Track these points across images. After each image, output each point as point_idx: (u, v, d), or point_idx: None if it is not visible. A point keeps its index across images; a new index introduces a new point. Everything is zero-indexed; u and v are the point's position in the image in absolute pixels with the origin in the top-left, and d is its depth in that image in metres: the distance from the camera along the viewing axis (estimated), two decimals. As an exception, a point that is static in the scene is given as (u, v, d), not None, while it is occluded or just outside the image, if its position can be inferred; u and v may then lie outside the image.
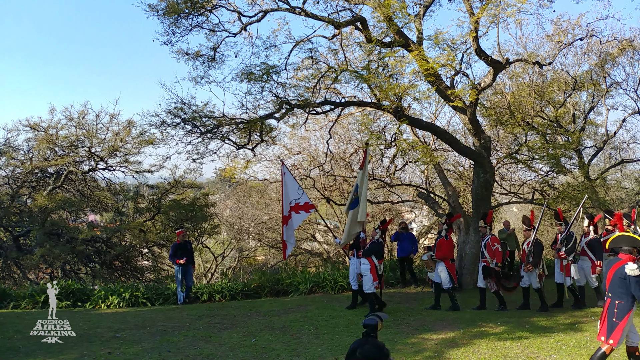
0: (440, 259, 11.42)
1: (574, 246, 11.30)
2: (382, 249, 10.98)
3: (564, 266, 11.30)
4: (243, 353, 8.02)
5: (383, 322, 2.89)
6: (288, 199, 12.23)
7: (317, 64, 13.10)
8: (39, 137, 18.72)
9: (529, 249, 11.18)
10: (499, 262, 11.24)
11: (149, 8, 11.92)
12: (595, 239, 11.51)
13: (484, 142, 13.99)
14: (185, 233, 14.21)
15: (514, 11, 11.28)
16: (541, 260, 11.22)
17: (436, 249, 11.61)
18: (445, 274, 11.32)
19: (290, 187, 12.33)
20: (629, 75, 20.51)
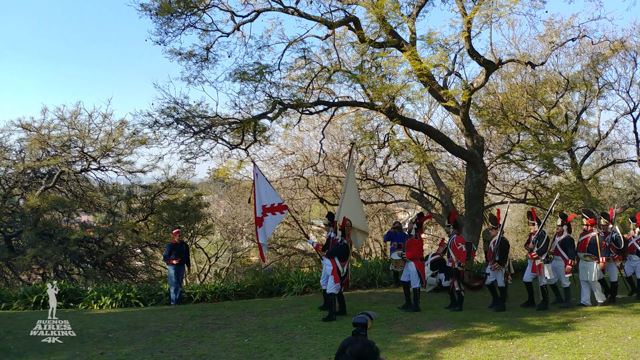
0: (410, 258, 11.32)
1: (547, 246, 11.31)
2: (345, 250, 10.66)
3: (536, 266, 11.30)
4: (236, 353, 8.00)
5: (373, 321, 2.90)
6: (261, 201, 12.04)
7: (310, 64, 13.10)
8: (31, 137, 18.60)
9: (495, 247, 11.19)
10: (462, 262, 11.22)
11: (141, 7, 11.89)
12: (568, 238, 11.52)
13: (476, 142, 14.02)
14: (182, 233, 14.17)
15: (506, 11, 11.33)
16: (507, 259, 11.26)
17: (406, 249, 11.48)
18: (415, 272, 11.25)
19: (262, 189, 12.16)
20: (620, 76, 20.68)
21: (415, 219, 11.93)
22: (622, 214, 21.55)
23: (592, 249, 11.28)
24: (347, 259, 10.64)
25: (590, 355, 7.33)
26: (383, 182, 18.39)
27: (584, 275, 11.46)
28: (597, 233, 11.41)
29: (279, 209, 12.04)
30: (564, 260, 11.38)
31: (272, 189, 12.36)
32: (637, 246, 12.25)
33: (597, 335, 8.55)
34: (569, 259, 11.29)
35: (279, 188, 22.41)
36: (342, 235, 10.80)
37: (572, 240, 11.60)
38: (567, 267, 11.27)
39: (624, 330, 8.87)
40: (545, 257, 11.21)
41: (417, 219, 11.88)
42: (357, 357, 2.55)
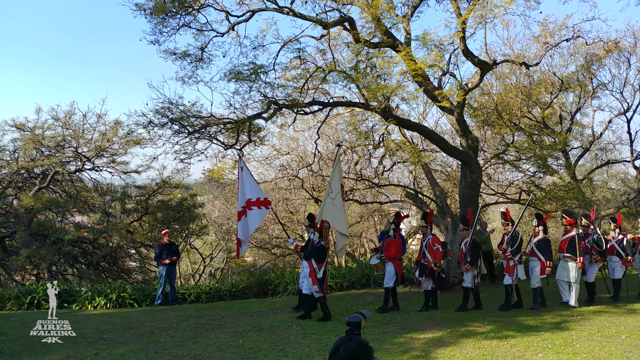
0: (389, 259, 11.27)
1: (520, 246, 11.29)
2: (322, 252, 10.41)
3: (510, 267, 11.27)
4: (231, 353, 7.98)
5: (367, 320, 2.89)
6: (245, 194, 11.83)
7: (305, 64, 13.10)
8: (25, 137, 18.54)
9: (466, 248, 11.16)
10: (438, 263, 11.14)
11: (136, 7, 11.87)
12: (544, 239, 11.50)
13: (471, 143, 14.06)
14: (171, 234, 14.12)
15: (501, 12, 11.36)
16: (479, 260, 11.23)
17: (384, 250, 11.42)
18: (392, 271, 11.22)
19: (247, 182, 11.93)
20: (614, 77, 20.76)
21: (393, 219, 11.80)
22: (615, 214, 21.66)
23: (571, 249, 11.25)
24: (324, 261, 10.40)
25: (584, 355, 7.35)
26: (378, 183, 18.38)
27: (562, 275, 11.44)
28: (577, 233, 11.38)
29: (263, 204, 11.81)
30: (540, 261, 11.32)
31: (256, 184, 12.13)
32: (617, 247, 12.19)
33: (591, 334, 8.57)
34: (545, 260, 11.25)
35: (274, 188, 22.40)
36: (320, 237, 10.57)
37: (548, 241, 11.58)
38: (547, 269, 11.23)
39: (617, 329, 8.90)
40: (518, 257, 11.19)
41: (395, 219, 11.76)
42: (351, 356, 2.54)
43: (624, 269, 12.23)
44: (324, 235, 10.55)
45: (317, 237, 10.56)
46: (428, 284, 11.31)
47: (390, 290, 11.31)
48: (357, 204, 20.90)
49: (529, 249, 11.64)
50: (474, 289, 11.27)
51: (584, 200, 18.06)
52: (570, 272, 11.27)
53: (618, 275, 12.22)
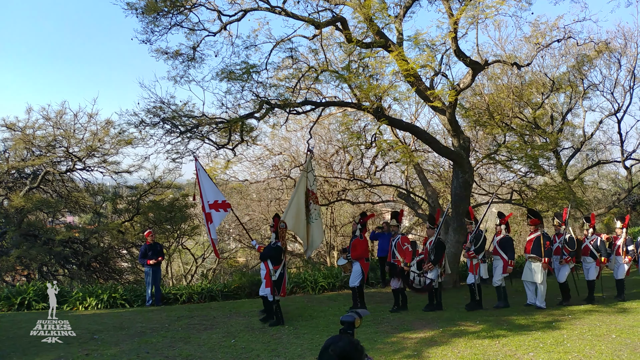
0: (355, 259, 11.15)
1: (483, 245, 11.29)
2: (278, 253, 10.03)
3: (473, 265, 11.26)
4: (222, 354, 7.96)
5: (362, 319, 2.88)
6: (206, 197, 11.49)
7: (297, 63, 13.08)
8: (16, 137, 18.43)
9: (430, 247, 11.12)
10: (408, 262, 11.03)
11: (127, 6, 11.79)
12: (506, 237, 11.47)
13: (463, 143, 14.09)
14: (154, 233, 14.06)
15: (492, 12, 11.38)
16: (443, 259, 11.19)
17: (351, 250, 11.29)
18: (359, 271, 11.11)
19: (206, 185, 11.60)
20: (605, 77, 20.90)
21: (359, 219, 11.67)
22: (606, 214, 21.79)
23: (536, 249, 11.20)
24: (280, 263, 10.03)
25: (575, 354, 7.39)
26: (370, 183, 18.41)
27: (528, 276, 11.39)
28: (542, 233, 11.32)
29: (222, 206, 11.51)
30: (502, 260, 11.31)
31: (214, 186, 11.85)
32: (591, 248, 11.99)
33: (582, 333, 8.62)
34: (508, 259, 11.23)
35: (266, 188, 22.38)
36: (276, 237, 10.23)
37: (510, 240, 11.57)
38: (508, 268, 11.22)
39: (608, 328, 8.96)
40: (482, 256, 11.18)
41: (361, 219, 11.63)
42: (340, 355, 2.53)
43: (597, 269, 11.96)
44: (280, 236, 10.24)
45: (274, 237, 10.25)
46: (396, 284, 11.21)
47: (357, 290, 11.14)
48: (349, 204, 20.90)
49: (492, 247, 11.62)
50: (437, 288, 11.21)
51: (575, 200, 18.14)
52: (536, 273, 11.20)
53: (592, 277, 11.97)
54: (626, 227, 12.37)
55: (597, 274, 12.00)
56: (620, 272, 12.24)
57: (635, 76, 20.10)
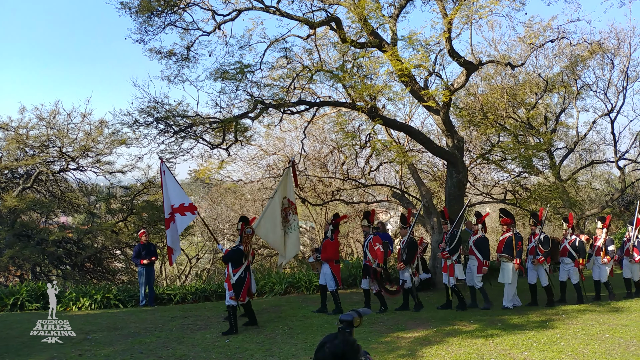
0: (325, 260, 10.92)
1: (458, 245, 11.19)
2: (239, 256, 9.65)
3: (447, 266, 11.18)
4: (217, 354, 7.95)
5: (362, 319, 2.85)
6: (169, 201, 11.08)
7: (291, 63, 13.08)
8: (9, 137, 18.36)
9: (403, 247, 11.04)
10: (380, 263, 10.84)
11: (121, 5, 11.78)
12: (482, 237, 11.39)
13: (457, 143, 14.12)
14: (148, 233, 14.02)
15: (486, 12, 11.42)
16: (415, 259, 11.10)
17: (321, 251, 11.12)
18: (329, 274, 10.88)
19: (171, 188, 11.25)
20: (598, 78, 20.98)
21: (331, 220, 11.44)
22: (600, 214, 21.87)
23: (507, 249, 11.15)
24: (240, 266, 9.60)
25: (568, 353, 7.41)
26: (365, 183, 18.41)
27: (501, 277, 11.36)
28: (514, 233, 11.26)
29: (189, 209, 11.12)
30: (477, 260, 11.26)
31: (180, 189, 11.53)
32: (569, 249, 11.76)
33: (576, 333, 8.65)
34: (482, 259, 11.18)
35: (261, 188, 22.35)
36: (240, 240, 9.84)
37: (486, 240, 11.47)
38: (483, 268, 11.18)
39: (601, 328, 8.99)
40: (456, 257, 11.11)
41: (333, 220, 11.39)
42: (335, 353, 2.52)
43: (576, 271, 11.69)
44: (244, 241, 9.74)
45: (239, 240, 9.89)
46: (375, 286, 11.02)
47: (332, 293, 10.90)
48: (343, 204, 20.90)
49: (468, 247, 11.56)
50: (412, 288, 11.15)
51: (568, 200, 18.21)
52: (506, 272, 11.16)
53: (575, 280, 11.72)
54: (607, 227, 12.12)
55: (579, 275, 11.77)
56: (602, 274, 11.95)
57: (628, 76, 20.22)
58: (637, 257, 12.15)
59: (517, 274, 11.31)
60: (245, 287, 9.58)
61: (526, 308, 11.25)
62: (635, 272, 12.29)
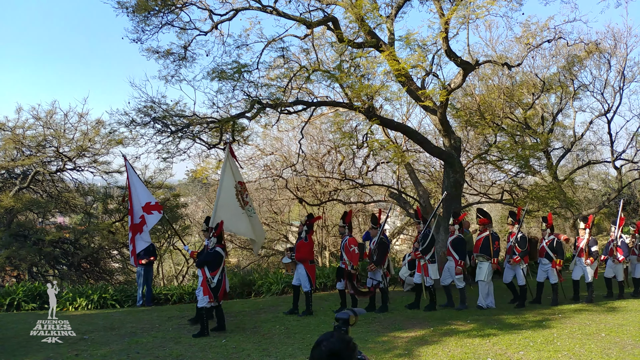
0: (299, 260, 10.76)
1: (431, 245, 11.10)
2: (217, 258, 9.40)
3: (421, 266, 11.10)
4: (213, 354, 7.94)
5: (358, 317, 2.87)
6: (139, 201, 10.79)
7: (289, 63, 13.09)
8: (5, 136, 18.31)
9: (373, 247, 10.90)
10: (355, 265, 10.73)
11: (118, 5, 11.77)
12: (458, 237, 11.32)
13: (454, 143, 14.14)
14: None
15: (483, 12, 11.42)
16: (385, 260, 10.98)
17: (296, 251, 10.95)
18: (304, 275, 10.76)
19: (138, 186, 10.96)
20: (595, 78, 20.98)
21: (305, 220, 11.17)
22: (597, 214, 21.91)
23: (484, 249, 11.13)
24: (218, 268, 9.39)
25: (565, 352, 7.43)
26: (362, 183, 18.42)
27: (477, 275, 11.33)
28: (490, 233, 11.23)
29: (155, 208, 10.85)
30: (454, 260, 11.20)
31: (144, 188, 11.25)
32: (547, 249, 11.58)
33: (572, 332, 8.67)
34: (459, 259, 11.11)
35: (258, 188, 22.33)
36: (219, 242, 9.60)
37: (462, 240, 11.42)
38: (457, 268, 11.12)
39: (597, 327, 9.02)
40: (429, 256, 11.02)
41: (307, 220, 11.16)
42: (330, 351, 2.53)
43: (554, 271, 11.48)
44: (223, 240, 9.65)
45: (213, 242, 9.56)
46: (349, 287, 10.84)
47: (306, 294, 10.79)
48: (341, 204, 20.90)
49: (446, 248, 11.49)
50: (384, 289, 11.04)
51: (565, 200, 18.24)
52: (481, 271, 11.14)
53: (554, 280, 11.54)
54: (589, 227, 11.98)
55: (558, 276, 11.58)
56: (587, 275, 11.79)
57: (625, 77, 20.22)
58: (620, 257, 12.10)
59: (491, 273, 11.24)
60: (222, 289, 9.51)
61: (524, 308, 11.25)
62: (619, 272, 12.26)
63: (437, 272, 11.24)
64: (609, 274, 12.43)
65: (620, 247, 12.17)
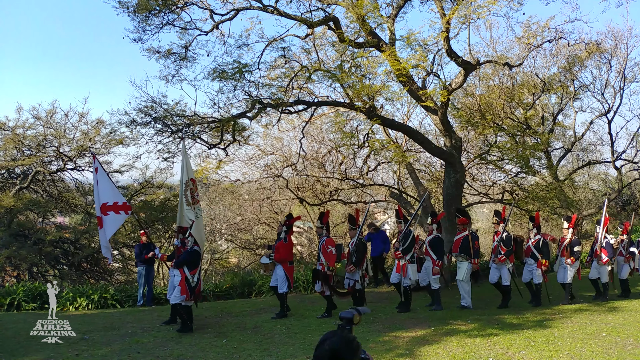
0: (278, 261, 10.55)
1: (412, 245, 10.95)
2: (196, 258, 9.46)
3: (400, 266, 10.91)
4: (214, 353, 7.93)
5: (362, 316, 2.85)
6: (100, 199, 10.61)
7: (289, 63, 13.10)
8: (6, 136, 18.32)
9: (352, 249, 10.71)
10: (331, 266, 10.46)
11: (119, 5, 11.79)
12: (436, 237, 11.19)
13: (454, 143, 14.14)
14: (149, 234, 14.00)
15: (485, 12, 11.44)
16: (364, 261, 10.80)
17: (275, 251, 10.68)
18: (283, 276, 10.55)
19: (103, 185, 10.71)
20: (596, 78, 21.02)
21: (284, 221, 10.98)
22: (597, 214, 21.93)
23: (463, 248, 11.03)
24: (197, 267, 9.46)
25: (566, 352, 7.42)
26: (363, 183, 18.43)
27: (458, 275, 11.24)
28: (470, 233, 11.11)
29: (122, 208, 10.66)
30: (432, 260, 11.05)
31: (113, 186, 11.14)
32: (533, 249, 11.48)
33: (573, 332, 8.65)
34: (437, 259, 10.96)
35: (258, 188, 22.34)
36: (195, 242, 9.58)
37: (441, 240, 11.26)
38: (435, 268, 10.97)
39: (598, 327, 9.00)
40: (410, 257, 10.87)
41: (286, 221, 10.93)
42: (334, 350, 2.53)
43: (539, 272, 11.37)
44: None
45: (192, 242, 9.54)
46: (326, 289, 10.64)
47: (281, 296, 10.62)
48: (342, 204, 20.92)
49: (424, 247, 11.39)
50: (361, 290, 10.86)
51: (565, 200, 18.25)
52: (461, 271, 11.06)
53: (538, 280, 11.46)
54: (572, 227, 11.80)
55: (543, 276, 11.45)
56: (567, 276, 11.60)
57: (625, 77, 20.26)
58: (605, 258, 11.92)
59: (469, 272, 11.14)
60: (198, 288, 9.53)
61: (524, 308, 11.25)
62: (604, 273, 12.07)
63: (416, 273, 11.11)
64: (593, 275, 12.26)
65: (605, 247, 11.98)
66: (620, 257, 12.47)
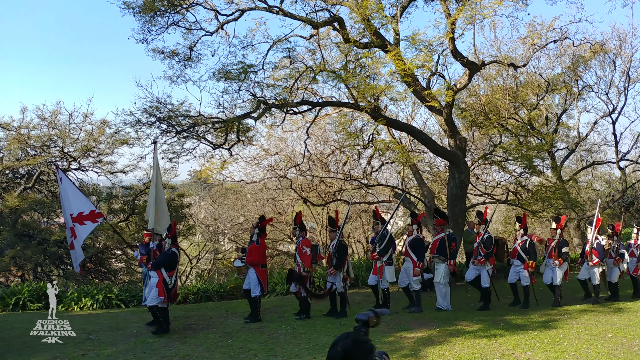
0: (250, 264, 10.26)
1: (388, 247, 10.85)
2: (174, 259, 9.39)
3: (377, 268, 10.84)
4: (220, 353, 7.93)
5: (380, 318, 2.83)
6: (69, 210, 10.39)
7: (294, 63, 13.11)
8: (10, 137, 18.36)
9: (333, 251, 10.53)
10: (307, 267, 10.29)
11: (124, 5, 11.81)
12: (417, 238, 11.07)
13: (459, 143, 14.13)
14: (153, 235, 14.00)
15: (490, 12, 11.44)
16: (345, 263, 10.59)
17: (247, 255, 10.42)
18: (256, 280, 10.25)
19: (71, 195, 10.50)
20: (600, 79, 20.97)
21: (257, 223, 10.63)
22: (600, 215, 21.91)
23: (440, 250, 10.94)
24: (175, 268, 9.40)
25: (571, 353, 7.41)
26: (366, 183, 18.42)
27: (435, 276, 11.16)
28: (447, 234, 10.99)
29: (90, 218, 10.33)
30: (412, 262, 10.92)
31: (81, 195, 10.88)
32: (519, 250, 11.41)
33: (578, 333, 8.65)
34: (417, 260, 10.85)
35: (262, 189, 22.35)
36: (173, 242, 9.51)
37: (421, 241, 11.13)
38: (416, 270, 10.85)
39: (604, 328, 8.99)
40: (387, 258, 10.76)
41: (259, 223, 10.59)
42: (344, 351, 2.52)
43: (526, 273, 11.29)
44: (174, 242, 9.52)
45: (169, 243, 9.47)
46: (302, 290, 10.45)
47: (254, 300, 10.37)
48: (345, 204, 20.92)
49: (403, 248, 11.28)
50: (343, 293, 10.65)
51: (569, 200, 18.22)
52: (438, 273, 10.99)
53: (525, 282, 11.37)
54: (561, 228, 11.74)
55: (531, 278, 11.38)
56: (557, 277, 11.48)
57: (630, 77, 20.22)
58: (595, 259, 11.80)
59: (448, 274, 11.10)
60: (175, 289, 9.52)
61: (530, 309, 11.23)
62: (594, 275, 11.95)
63: (393, 275, 10.99)
64: (582, 276, 12.14)
65: (596, 249, 11.85)
66: (610, 260, 12.30)
